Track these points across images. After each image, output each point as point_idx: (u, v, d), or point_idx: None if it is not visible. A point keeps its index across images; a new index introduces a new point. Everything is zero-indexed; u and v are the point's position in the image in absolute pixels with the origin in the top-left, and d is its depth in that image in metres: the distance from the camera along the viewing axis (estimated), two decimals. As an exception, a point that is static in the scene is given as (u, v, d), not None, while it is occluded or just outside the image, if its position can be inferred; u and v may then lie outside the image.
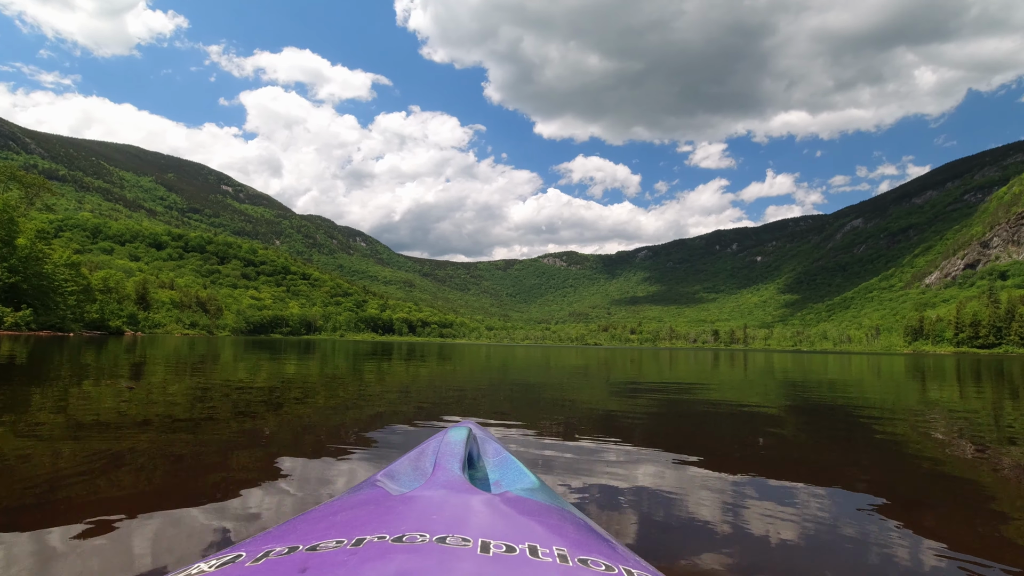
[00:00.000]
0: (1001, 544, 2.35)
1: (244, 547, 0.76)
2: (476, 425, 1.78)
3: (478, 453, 1.56)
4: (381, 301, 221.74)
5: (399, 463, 1.46)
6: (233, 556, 0.71)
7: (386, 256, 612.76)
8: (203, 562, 0.71)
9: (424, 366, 16.08)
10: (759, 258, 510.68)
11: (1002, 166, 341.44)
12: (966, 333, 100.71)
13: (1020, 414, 7.47)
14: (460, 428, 1.60)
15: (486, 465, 1.51)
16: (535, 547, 0.73)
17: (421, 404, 6.78)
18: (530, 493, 1.22)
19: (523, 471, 1.44)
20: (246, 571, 0.65)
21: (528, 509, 0.99)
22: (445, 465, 1.22)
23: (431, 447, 1.49)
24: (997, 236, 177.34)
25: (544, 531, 0.84)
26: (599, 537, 0.93)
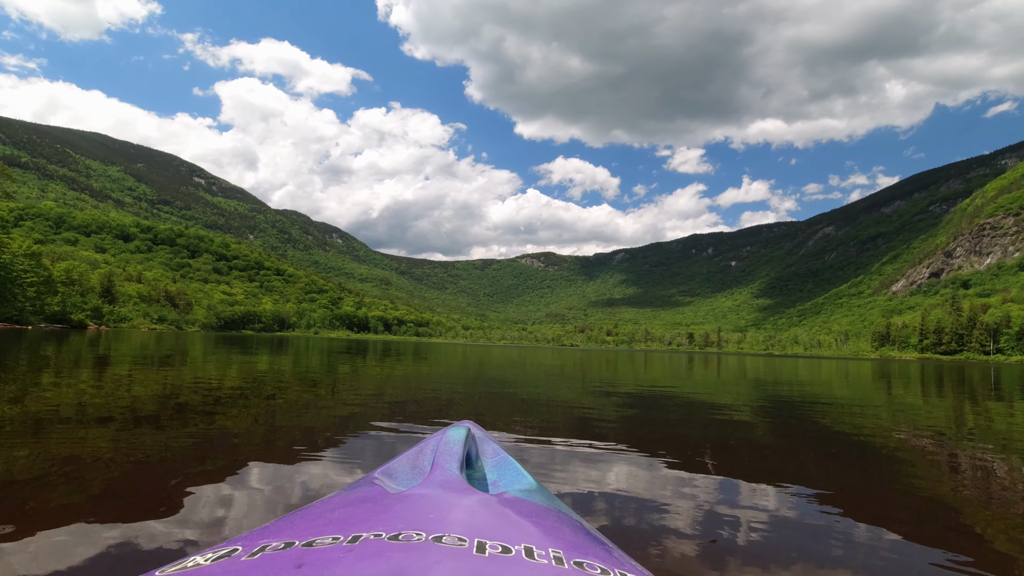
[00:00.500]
0: (959, 538, 2.45)
1: (240, 541, 0.76)
2: (475, 425, 1.78)
3: (476, 453, 1.56)
4: (357, 298, 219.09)
5: (397, 461, 1.45)
6: (229, 550, 0.71)
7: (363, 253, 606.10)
8: (199, 555, 0.71)
9: (399, 365, 15.94)
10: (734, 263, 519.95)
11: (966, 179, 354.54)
12: (930, 340, 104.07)
13: (978, 418, 7.74)
14: (459, 428, 1.58)
15: (484, 465, 1.51)
16: (531, 548, 0.73)
17: (395, 404, 6.71)
18: (527, 494, 1.22)
19: (521, 472, 1.44)
20: (241, 565, 0.65)
21: (525, 510, 0.99)
22: (443, 464, 1.22)
23: (429, 446, 1.48)
24: (960, 246, 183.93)
25: (540, 533, 0.84)
26: (595, 540, 0.93)
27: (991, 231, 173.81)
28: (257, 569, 0.63)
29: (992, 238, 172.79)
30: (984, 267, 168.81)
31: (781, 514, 2.83)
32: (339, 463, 3.49)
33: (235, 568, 0.64)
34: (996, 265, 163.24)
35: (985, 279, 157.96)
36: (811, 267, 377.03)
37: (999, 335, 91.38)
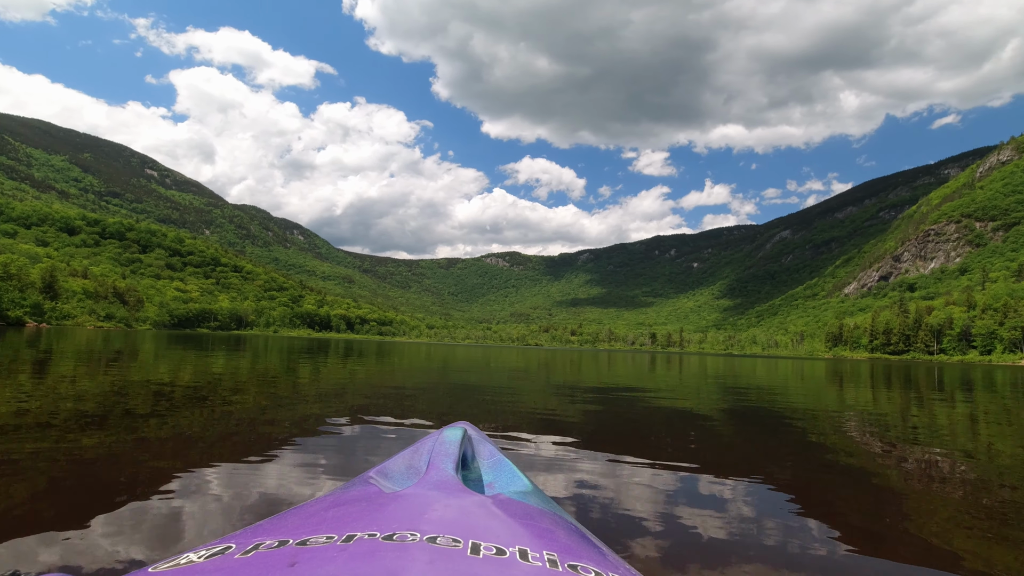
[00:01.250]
0: (902, 531, 2.57)
1: (234, 539, 0.75)
2: (471, 426, 1.78)
3: (472, 454, 1.57)
4: (319, 297, 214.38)
5: (393, 461, 1.45)
6: (223, 547, 0.71)
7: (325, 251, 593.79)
8: (192, 552, 0.70)
9: (362, 364, 15.67)
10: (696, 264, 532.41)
11: (912, 187, 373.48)
12: (879, 340, 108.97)
13: (923, 415, 8.13)
14: (455, 428, 1.59)
15: (480, 466, 1.51)
16: (525, 551, 0.73)
17: (358, 404, 6.58)
18: (523, 496, 1.23)
19: (516, 474, 1.44)
20: (235, 563, 0.65)
21: (520, 512, 0.99)
22: (439, 465, 1.22)
23: (426, 446, 1.49)
24: (907, 251, 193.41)
25: (535, 535, 0.84)
26: (590, 543, 0.93)
27: (935, 237, 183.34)
28: (250, 567, 0.63)
29: (936, 244, 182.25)
30: (929, 271, 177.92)
31: (741, 509, 2.90)
32: (300, 464, 3.39)
33: (228, 566, 0.64)
34: (940, 269, 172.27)
35: (930, 283, 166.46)
36: (769, 269, 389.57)
37: (942, 336, 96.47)
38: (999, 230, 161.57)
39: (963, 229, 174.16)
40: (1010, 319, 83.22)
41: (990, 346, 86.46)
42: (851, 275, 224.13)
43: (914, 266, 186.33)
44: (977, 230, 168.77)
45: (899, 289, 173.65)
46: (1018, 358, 77.87)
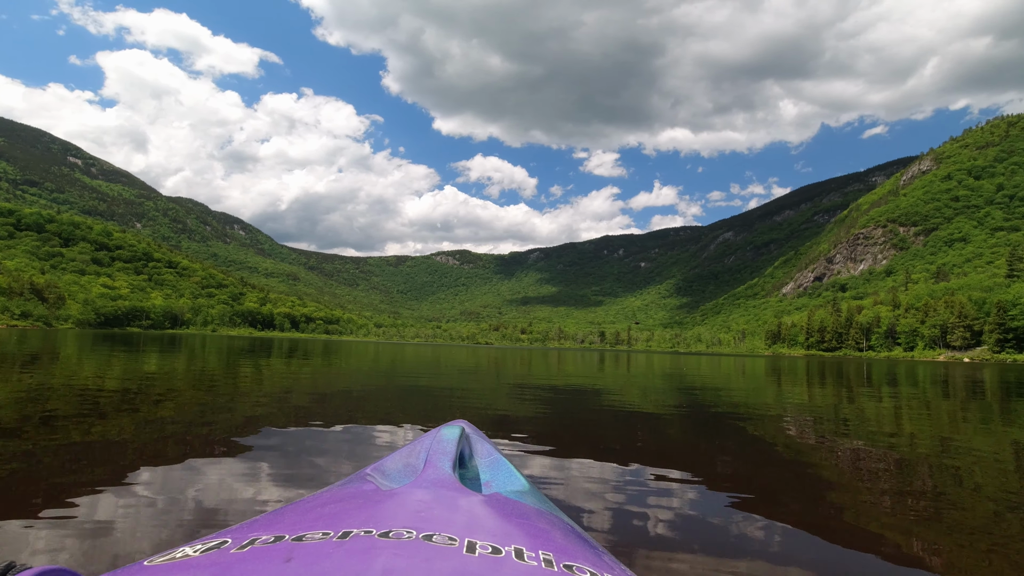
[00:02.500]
0: (836, 516, 2.74)
1: (230, 533, 0.76)
2: (469, 425, 1.79)
3: (470, 453, 1.57)
4: (261, 294, 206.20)
5: (390, 458, 1.46)
6: (218, 542, 0.71)
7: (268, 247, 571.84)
8: (188, 546, 0.71)
9: (307, 364, 15.19)
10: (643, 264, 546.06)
11: (843, 193, 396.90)
12: (814, 338, 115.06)
13: (853, 408, 8.63)
14: (453, 427, 1.59)
15: (477, 465, 1.52)
16: (521, 550, 0.73)
17: (303, 406, 6.36)
18: (519, 496, 1.23)
19: (514, 473, 1.44)
20: (231, 557, 0.65)
21: (516, 511, 0.99)
22: (436, 463, 1.22)
23: (423, 444, 1.49)
24: (839, 253, 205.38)
25: (531, 534, 0.84)
26: (586, 544, 0.94)
27: (864, 240, 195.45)
28: (246, 562, 0.63)
29: (865, 247, 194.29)
30: (858, 272, 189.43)
31: (687, 501, 2.99)
32: (241, 469, 3.27)
33: (224, 560, 0.64)
34: (868, 271, 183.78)
35: (859, 283, 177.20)
36: (713, 269, 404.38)
37: (871, 334, 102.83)
38: (920, 235, 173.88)
39: (888, 233, 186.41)
40: (930, 318, 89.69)
41: (913, 343, 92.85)
42: (788, 276, 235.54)
43: (845, 268, 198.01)
44: (901, 234, 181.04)
45: (832, 289, 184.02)
46: (937, 354, 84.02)
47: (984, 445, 5.39)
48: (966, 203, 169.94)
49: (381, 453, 3.91)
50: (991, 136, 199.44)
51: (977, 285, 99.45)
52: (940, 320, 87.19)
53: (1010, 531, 2.68)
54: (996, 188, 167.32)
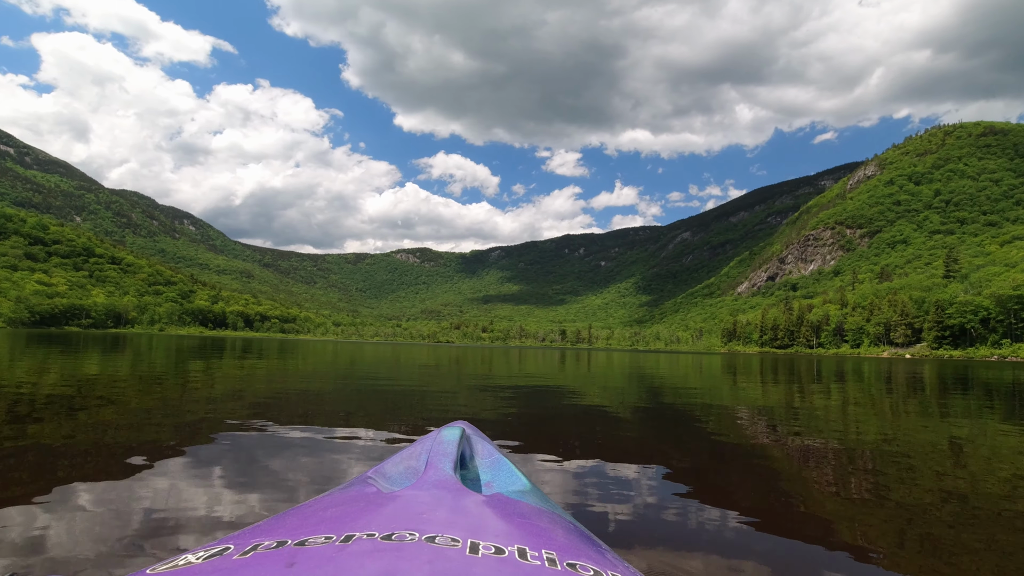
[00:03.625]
0: (785, 506, 2.85)
1: (232, 540, 0.76)
2: (469, 425, 1.79)
3: (470, 453, 1.57)
4: (212, 292, 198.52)
5: (391, 461, 1.46)
6: (221, 548, 0.71)
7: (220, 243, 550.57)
8: (190, 553, 0.71)
9: (262, 364, 14.73)
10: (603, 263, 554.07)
11: (795, 196, 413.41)
12: (768, 336, 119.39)
13: (803, 403, 8.97)
14: (453, 428, 1.60)
15: (478, 466, 1.52)
16: (524, 549, 0.73)
17: (257, 408, 6.15)
18: (521, 495, 1.23)
19: (515, 473, 1.45)
20: (234, 564, 0.65)
21: (518, 511, 0.99)
22: (437, 464, 1.22)
23: (424, 446, 1.49)
24: (791, 254, 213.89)
25: (534, 534, 0.84)
26: (589, 542, 0.94)
27: (814, 242, 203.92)
28: (249, 568, 0.63)
29: (814, 248, 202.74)
30: (808, 272, 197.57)
31: (645, 495, 3.04)
32: (191, 475, 3.13)
33: (227, 566, 0.64)
34: (817, 271, 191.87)
35: (809, 283, 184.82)
36: (671, 269, 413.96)
37: (820, 331, 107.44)
38: (865, 237, 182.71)
39: (836, 235, 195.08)
40: (875, 316, 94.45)
41: (859, 340, 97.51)
42: (743, 275, 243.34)
43: (796, 268, 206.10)
44: (847, 236, 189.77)
45: (784, 288, 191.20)
46: (881, 351, 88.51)
47: (923, 437, 5.69)
48: (907, 207, 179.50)
49: (340, 456, 3.82)
50: (929, 144, 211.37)
51: (917, 285, 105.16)
52: (884, 318, 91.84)
53: (944, 516, 2.88)
54: (934, 193, 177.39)
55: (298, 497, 2.79)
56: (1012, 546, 2.44)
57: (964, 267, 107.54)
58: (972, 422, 7.00)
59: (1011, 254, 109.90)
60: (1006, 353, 69.87)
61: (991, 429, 6.35)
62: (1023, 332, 72.07)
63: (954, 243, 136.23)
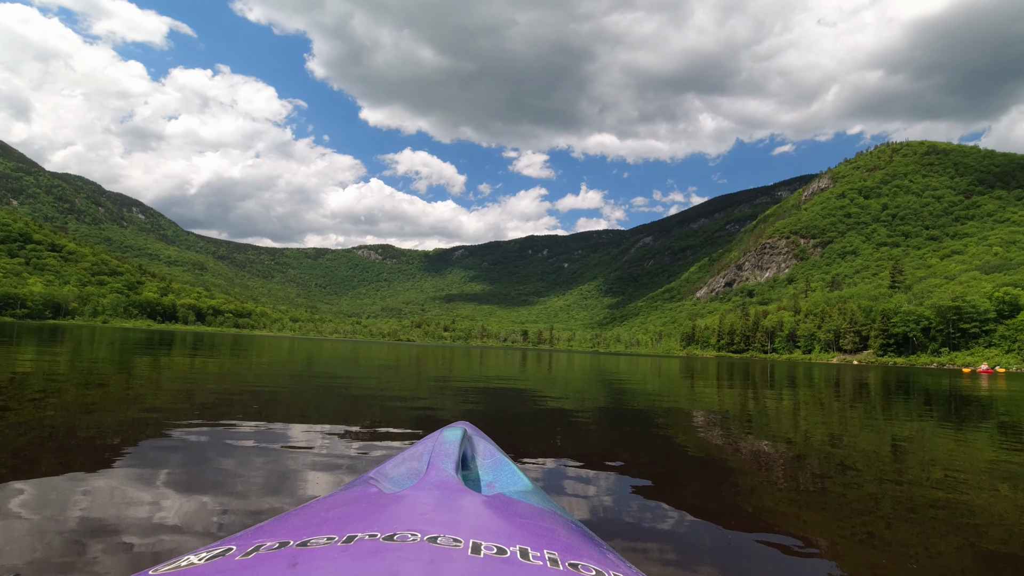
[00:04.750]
0: (736, 503, 2.94)
1: (234, 541, 0.76)
2: (471, 426, 1.80)
3: (472, 454, 1.57)
4: (162, 284, 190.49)
5: (393, 461, 1.46)
6: (223, 549, 0.71)
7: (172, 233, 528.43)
8: (192, 554, 0.71)
9: (213, 360, 14.22)
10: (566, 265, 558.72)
11: (753, 205, 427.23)
12: (725, 340, 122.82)
13: (757, 406, 9.29)
14: (455, 428, 1.60)
15: (480, 466, 1.52)
16: (526, 550, 0.73)
17: (208, 405, 5.92)
18: (523, 496, 1.23)
19: (516, 473, 1.45)
20: (236, 564, 0.65)
21: (520, 511, 1.00)
22: (439, 465, 1.23)
23: (425, 447, 1.49)
24: (748, 261, 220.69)
25: (536, 534, 0.84)
26: (591, 541, 0.94)
27: (769, 250, 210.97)
28: (251, 568, 0.64)
29: (770, 256, 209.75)
30: (764, 280, 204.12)
31: (602, 492, 3.10)
32: (136, 476, 2.97)
33: (229, 567, 0.65)
34: (773, 278, 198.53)
35: (765, 290, 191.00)
36: (633, 272, 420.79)
37: (775, 337, 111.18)
38: (818, 247, 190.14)
39: (791, 244, 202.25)
40: (826, 323, 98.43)
41: (811, 346, 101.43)
42: (702, 281, 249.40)
43: (753, 275, 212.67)
44: (801, 246, 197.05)
45: (741, 295, 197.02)
46: (831, 357, 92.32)
47: (866, 439, 5.96)
48: (857, 220, 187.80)
49: (295, 455, 3.72)
50: (879, 160, 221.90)
51: (865, 294, 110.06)
52: (834, 326, 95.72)
53: (883, 512, 3.06)
54: (881, 207, 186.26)
55: (249, 500, 2.71)
56: (943, 542, 2.60)
57: (908, 278, 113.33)
58: (912, 425, 7.37)
59: (950, 267, 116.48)
60: (944, 361, 74.01)
61: (929, 432, 6.69)
62: (959, 341, 76.51)
63: (899, 255, 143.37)
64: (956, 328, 76.13)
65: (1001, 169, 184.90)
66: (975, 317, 73.92)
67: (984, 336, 74.00)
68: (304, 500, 2.65)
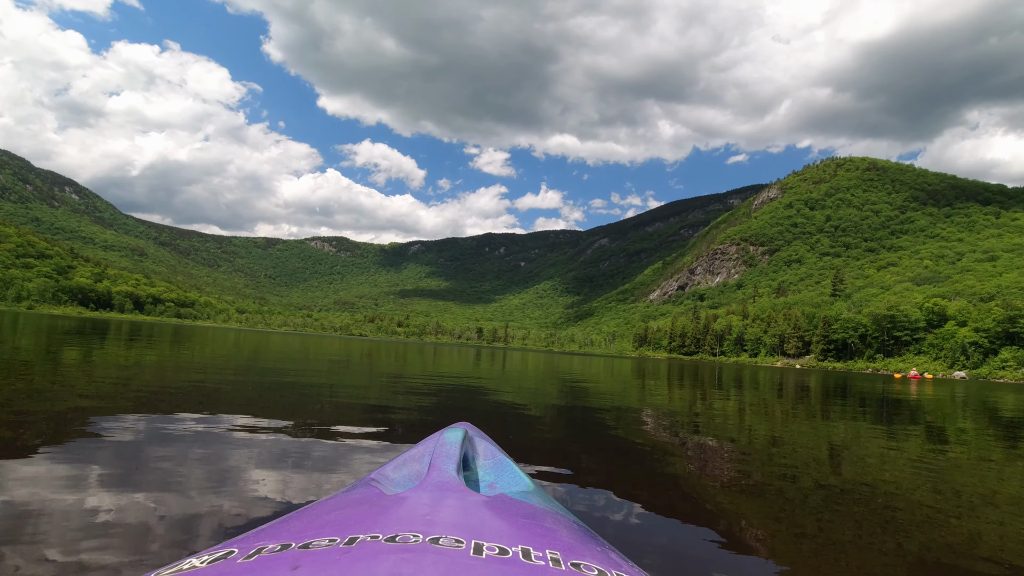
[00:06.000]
0: (681, 497, 3.04)
1: (236, 544, 0.76)
2: (472, 427, 1.79)
3: (473, 454, 1.57)
4: (97, 269, 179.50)
5: (394, 463, 1.46)
6: (225, 552, 0.71)
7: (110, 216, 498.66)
8: (194, 557, 0.71)
9: (152, 351, 13.52)
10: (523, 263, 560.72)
11: (706, 211, 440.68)
12: (676, 342, 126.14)
13: (704, 406, 9.58)
14: (456, 429, 1.61)
15: (481, 467, 1.52)
16: (528, 550, 0.73)
17: (143, 399, 5.61)
18: (524, 496, 1.23)
19: (518, 473, 1.45)
20: (238, 568, 0.65)
21: (522, 512, 1.00)
22: (440, 466, 1.23)
23: (427, 447, 1.49)
24: (700, 266, 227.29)
25: (538, 534, 0.84)
26: (593, 541, 0.94)
27: (721, 256, 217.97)
28: (254, 571, 0.63)
29: (721, 261, 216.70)
30: (715, 284, 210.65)
31: (554, 489, 3.10)
32: (60, 473, 2.80)
33: (231, 570, 0.64)
34: (723, 283, 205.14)
35: (716, 294, 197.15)
36: (588, 273, 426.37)
37: (724, 340, 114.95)
38: (766, 254, 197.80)
39: (741, 251, 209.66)
40: (772, 328, 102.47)
41: (757, 350, 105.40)
42: (656, 283, 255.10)
43: (704, 279, 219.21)
44: (751, 252, 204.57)
45: (693, 298, 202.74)
46: (776, 360, 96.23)
47: (805, 439, 6.26)
48: (802, 229, 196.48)
49: (237, 454, 3.58)
50: (824, 174, 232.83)
51: (809, 301, 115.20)
52: (779, 331, 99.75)
53: (814, 506, 3.24)
54: (825, 219, 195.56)
55: (190, 498, 2.60)
56: (870, 535, 2.75)
57: (848, 287, 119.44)
58: (847, 426, 7.75)
59: (886, 278, 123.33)
60: (879, 367, 78.32)
61: (863, 433, 7.05)
62: (893, 348, 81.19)
63: (840, 265, 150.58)
64: (890, 336, 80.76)
65: (933, 188, 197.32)
66: (907, 326, 78.59)
67: (915, 344, 78.72)
68: (251, 499, 2.61)
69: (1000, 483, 4.39)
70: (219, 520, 2.28)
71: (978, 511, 3.43)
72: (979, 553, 2.62)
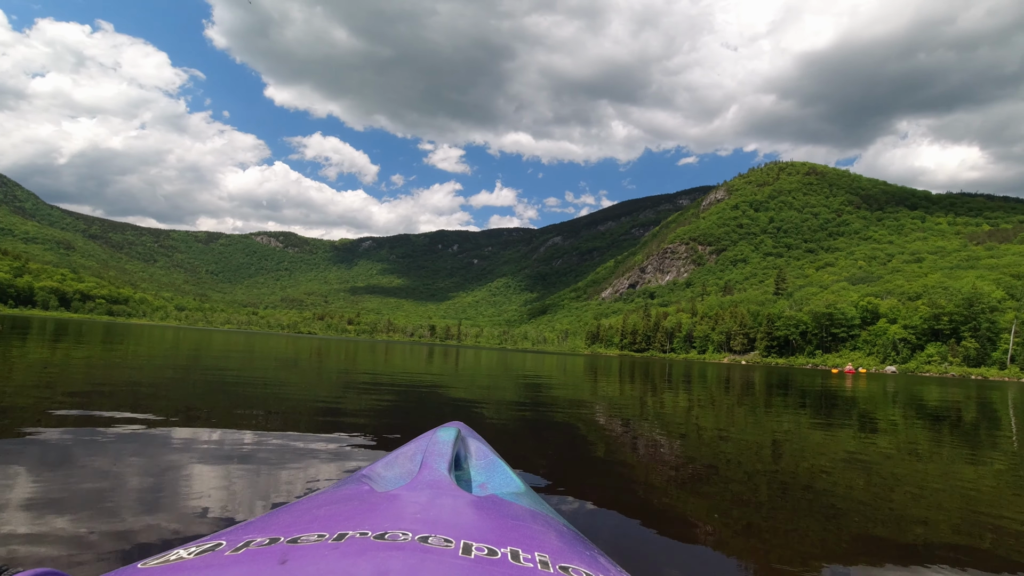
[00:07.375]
0: (630, 492, 3.08)
1: (224, 536, 0.76)
2: (464, 426, 1.80)
3: (465, 454, 1.57)
4: (17, 263, 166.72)
5: (385, 460, 1.46)
6: (213, 544, 0.71)
7: (32, 206, 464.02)
8: (182, 548, 0.71)
9: (80, 350, 12.67)
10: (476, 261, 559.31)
11: (657, 211, 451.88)
12: (627, 340, 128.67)
13: (654, 402, 9.80)
14: (449, 428, 1.60)
15: (473, 467, 1.52)
16: (517, 552, 0.73)
17: (69, 401, 5.23)
18: (515, 497, 1.23)
19: (509, 475, 1.45)
20: (225, 560, 0.65)
21: (512, 513, 0.99)
22: (432, 465, 1.22)
23: (419, 446, 1.49)
24: (650, 264, 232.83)
25: (527, 536, 0.84)
26: (582, 545, 0.94)
27: (671, 255, 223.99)
28: (241, 564, 0.63)
29: (671, 260, 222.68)
30: (665, 283, 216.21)
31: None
32: None
33: (218, 562, 0.64)
34: (673, 282, 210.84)
35: (665, 292, 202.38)
36: (541, 271, 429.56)
37: (674, 337, 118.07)
38: (713, 253, 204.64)
39: (690, 250, 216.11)
40: (719, 325, 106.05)
41: (705, 347, 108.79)
42: (608, 282, 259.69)
43: (655, 277, 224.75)
44: (699, 252, 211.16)
45: (643, 296, 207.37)
46: (723, 357, 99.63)
47: (749, 433, 6.50)
48: (747, 230, 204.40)
49: (177, 454, 3.40)
50: (767, 177, 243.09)
51: (753, 299, 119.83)
52: (726, 328, 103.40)
53: (761, 497, 3.35)
54: (768, 220, 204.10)
55: (124, 502, 2.44)
56: (809, 523, 2.89)
57: (790, 286, 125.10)
58: (788, 419, 8.09)
59: (824, 278, 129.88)
60: (818, 362, 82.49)
61: (804, 426, 7.37)
62: (831, 344, 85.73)
63: (782, 265, 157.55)
64: (828, 332, 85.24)
65: (867, 192, 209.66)
66: (844, 323, 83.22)
67: (850, 340, 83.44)
68: (188, 509, 2.52)
69: (927, 468, 4.68)
70: (157, 534, 2.13)
71: (909, 494, 3.66)
72: (912, 532, 2.83)
